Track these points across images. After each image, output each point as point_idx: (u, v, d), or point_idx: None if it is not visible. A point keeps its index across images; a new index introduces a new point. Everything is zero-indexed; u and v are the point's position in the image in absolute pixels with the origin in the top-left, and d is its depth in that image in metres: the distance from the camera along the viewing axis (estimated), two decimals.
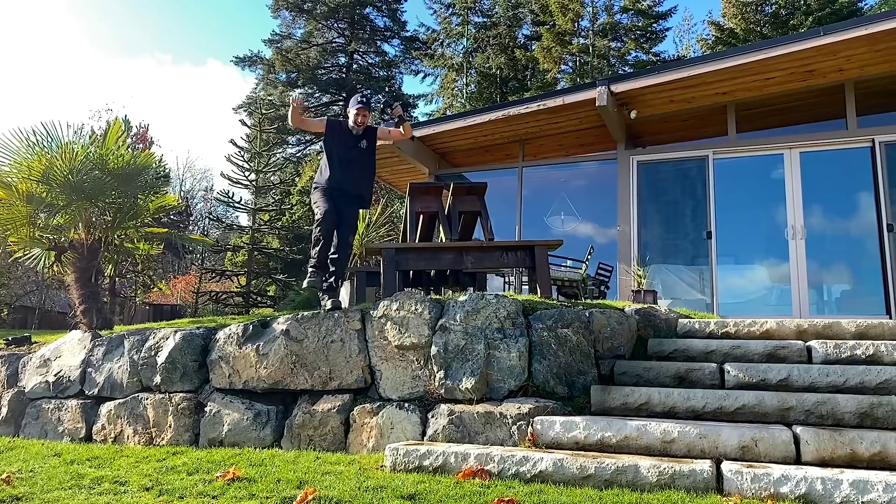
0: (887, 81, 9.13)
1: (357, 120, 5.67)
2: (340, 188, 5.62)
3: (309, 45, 36.52)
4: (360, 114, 5.68)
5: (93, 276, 7.45)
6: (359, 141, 5.72)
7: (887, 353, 4.85)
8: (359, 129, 5.70)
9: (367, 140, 5.77)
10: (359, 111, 5.68)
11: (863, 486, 3.25)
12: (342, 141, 5.70)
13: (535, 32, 32.90)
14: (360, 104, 5.70)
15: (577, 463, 3.72)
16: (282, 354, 5.21)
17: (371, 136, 5.82)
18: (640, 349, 5.43)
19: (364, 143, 5.73)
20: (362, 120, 5.69)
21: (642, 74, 9.64)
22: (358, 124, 5.68)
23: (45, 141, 7.37)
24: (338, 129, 5.78)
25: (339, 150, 5.69)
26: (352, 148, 5.69)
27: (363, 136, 5.75)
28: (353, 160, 5.66)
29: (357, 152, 5.70)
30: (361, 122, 5.68)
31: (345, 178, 5.63)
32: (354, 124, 5.69)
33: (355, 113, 5.70)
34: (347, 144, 5.69)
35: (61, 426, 5.78)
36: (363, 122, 5.70)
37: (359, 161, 5.70)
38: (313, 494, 3.42)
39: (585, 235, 10.67)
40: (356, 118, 5.67)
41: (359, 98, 5.78)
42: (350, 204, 5.76)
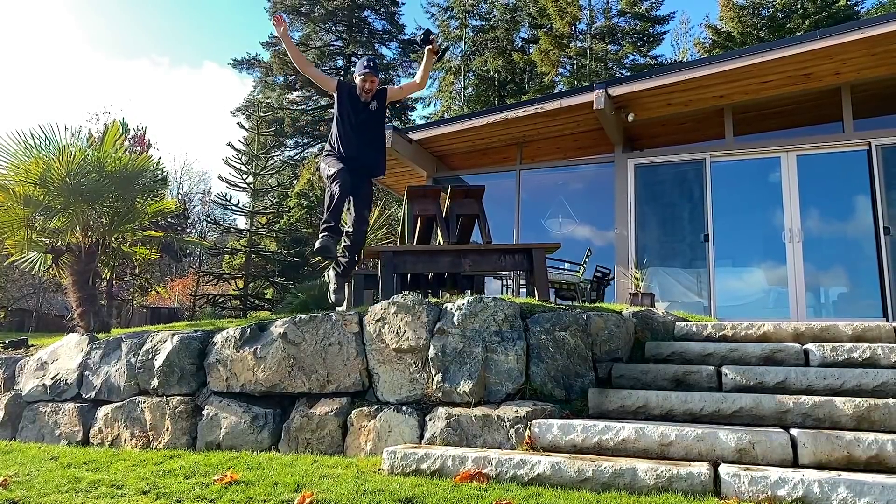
0: (884, 85, 9.16)
1: (364, 86, 5.45)
2: (352, 157, 5.44)
3: (307, 47, 36.55)
4: (368, 79, 5.44)
5: (90, 279, 7.45)
6: (368, 105, 5.52)
7: (884, 355, 4.86)
8: (367, 95, 5.47)
9: (378, 102, 5.55)
10: (365, 77, 5.44)
11: (860, 489, 3.25)
12: (352, 105, 5.50)
13: (532, 36, 33.00)
14: (367, 69, 5.46)
15: (575, 466, 3.72)
16: (279, 357, 5.21)
17: (381, 98, 5.59)
18: (638, 352, 5.44)
19: (374, 104, 5.51)
20: (370, 86, 5.45)
21: (640, 78, 9.67)
22: (366, 91, 5.45)
23: (43, 143, 7.36)
24: (347, 93, 5.56)
25: (349, 116, 5.48)
26: (361, 111, 5.49)
27: (373, 99, 5.53)
28: (362, 123, 5.47)
29: (366, 115, 5.50)
30: (369, 88, 5.45)
31: (357, 144, 5.46)
32: (361, 91, 5.47)
33: (361, 79, 5.47)
34: (357, 108, 5.50)
35: (58, 429, 5.77)
36: (371, 88, 5.46)
37: (369, 124, 5.50)
38: (311, 498, 3.42)
39: (583, 238, 10.69)
40: (363, 84, 5.45)
41: (365, 62, 5.53)
42: (363, 176, 5.56)
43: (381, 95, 5.56)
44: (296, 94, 37.41)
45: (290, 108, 36.12)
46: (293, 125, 35.35)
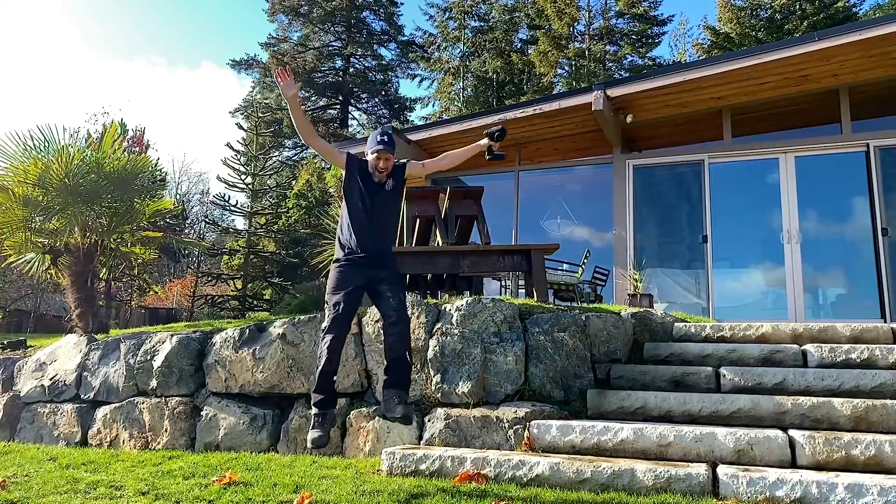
0: (881, 86, 9.18)
1: (378, 165, 4.35)
2: (368, 248, 4.26)
3: (306, 48, 36.57)
4: (382, 157, 4.34)
5: (89, 279, 7.45)
6: (383, 185, 4.43)
7: (882, 356, 4.87)
8: (381, 175, 4.38)
9: (394, 180, 4.46)
10: (379, 154, 4.34)
11: (858, 490, 3.26)
12: (366, 185, 4.41)
13: (531, 36, 33.01)
14: (381, 145, 4.35)
15: (574, 467, 3.72)
16: (278, 358, 5.21)
17: (398, 174, 4.49)
18: (637, 353, 5.45)
19: (390, 182, 4.43)
20: (384, 165, 4.35)
21: (638, 79, 9.69)
22: (380, 170, 4.36)
23: (42, 144, 7.38)
24: (358, 170, 4.45)
25: (361, 198, 4.39)
26: (375, 192, 4.40)
27: (388, 177, 4.45)
28: (378, 207, 4.38)
29: (382, 197, 4.41)
30: (383, 167, 4.36)
31: (372, 233, 4.32)
32: (375, 170, 4.37)
33: (375, 157, 4.36)
34: (371, 189, 4.40)
35: (57, 430, 5.77)
36: (386, 167, 4.36)
37: (385, 207, 4.43)
38: (310, 499, 3.42)
39: (582, 239, 10.69)
40: (376, 163, 4.35)
41: (378, 137, 4.43)
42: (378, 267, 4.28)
43: (399, 172, 4.49)
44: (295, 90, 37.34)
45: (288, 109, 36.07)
46: (292, 126, 35.33)
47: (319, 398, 4.00)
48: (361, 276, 4.15)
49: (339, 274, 4.18)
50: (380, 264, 4.23)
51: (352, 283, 4.12)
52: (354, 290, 4.11)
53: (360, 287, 4.14)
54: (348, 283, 4.12)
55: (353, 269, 4.16)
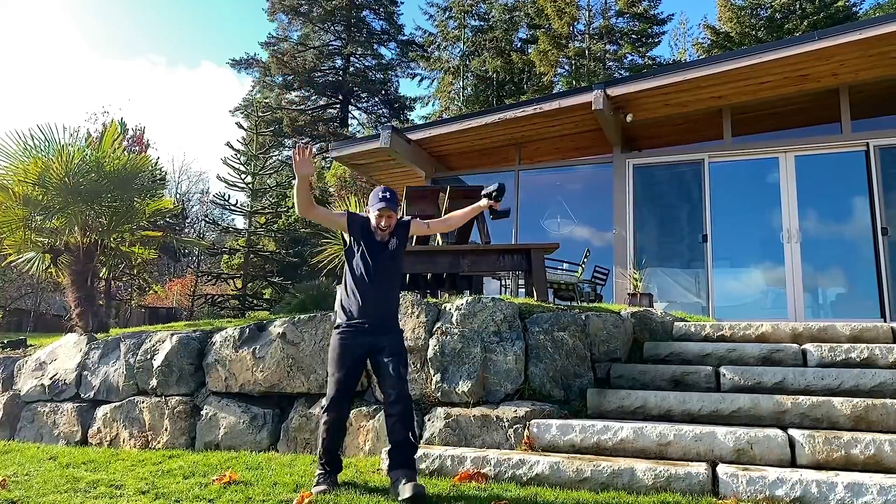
0: (881, 86, 9.18)
1: (380, 224, 4.21)
2: (369, 314, 4.09)
3: (305, 47, 36.55)
4: (384, 216, 4.20)
5: (88, 278, 7.45)
6: (386, 244, 4.27)
7: (882, 356, 4.87)
8: (384, 234, 4.24)
9: (398, 238, 4.30)
10: (381, 213, 4.19)
11: (857, 489, 3.26)
12: (368, 245, 4.24)
13: (531, 36, 33.03)
14: (383, 202, 4.21)
15: (574, 466, 3.73)
16: (278, 358, 5.21)
17: (401, 232, 4.34)
18: (637, 352, 5.45)
19: (393, 242, 4.28)
20: (386, 223, 4.22)
21: (638, 78, 9.68)
22: (382, 229, 4.22)
23: (42, 144, 7.37)
24: (360, 229, 4.28)
25: (364, 259, 4.21)
26: (378, 253, 4.23)
27: (392, 236, 4.30)
28: (381, 268, 4.20)
29: (386, 257, 4.24)
30: (386, 225, 4.22)
31: (375, 296, 4.14)
32: (377, 229, 4.23)
33: (377, 216, 4.22)
34: (373, 249, 4.24)
35: (57, 429, 5.77)
36: (388, 225, 4.23)
37: (388, 268, 4.25)
38: (309, 498, 3.43)
39: (582, 239, 10.68)
40: (378, 222, 4.21)
41: (379, 194, 4.28)
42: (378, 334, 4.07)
43: (403, 230, 4.35)
44: (294, 94, 37.42)
45: (288, 108, 36.11)
46: (292, 125, 35.32)
47: (325, 468, 3.86)
48: (361, 345, 4.01)
49: (339, 345, 4.04)
50: (382, 330, 4.06)
51: (351, 356, 3.99)
52: (353, 364, 4.00)
53: (360, 359, 4.04)
54: (348, 357, 3.99)
55: (353, 339, 4.01)
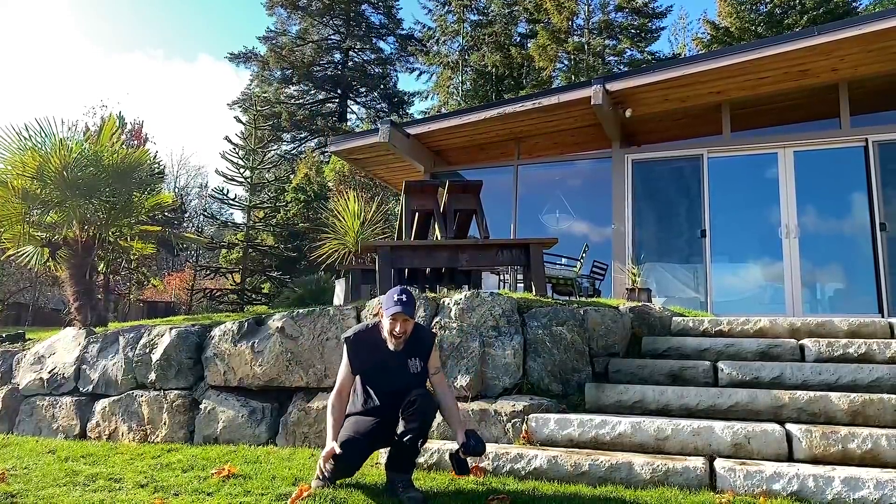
0: (881, 81, 9.18)
1: (394, 329, 3.63)
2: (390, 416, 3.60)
3: (304, 41, 36.48)
4: (399, 320, 3.63)
5: (87, 273, 7.44)
6: (407, 357, 3.71)
7: (879, 351, 4.88)
8: (397, 342, 3.65)
9: (419, 357, 3.73)
10: (395, 318, 3.62)
11: (854, 484, 3.28)
12: (380, 364, 3.71)
13: (530, 30, 32.96)
14: (399, 305, 3.62)
15: (572, 460, 3.74)
16: (277, 352, 5.22)
17: (426, 349, 3.77)
18: (635, 347, 5.46)
19: (417, 363, 3.72)
20: (402, 329, 3.64)
21: (637, 73, 9.67)
22: (396, 335, 3.64)
23: (40, 137, 7.34)
24: (366, 349, 3.73)
25: (378, 382, 3.72)
26: (396, 373, 3.68)
27: (413, 350, 3.71)
28: (401, 390, 3.61)
29: (406, 380, 3.68)
30: (401, 331, 3.64)
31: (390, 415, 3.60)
32: (391, 336, 3.65)
33: (391, 321, 3.65)
34: (388, 368, 3.69)
35: (55, 423, 5.78)
36: (403, 332, 3.65)
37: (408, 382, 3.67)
38: (308, 492, 3.43)
39: (580, 234, 10.69)
40: (393, 326, 3.64)
41: (395, 296, 3.67)
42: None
43: (424, 352, 3.76)
44: (293, 89, 37.37)
45: (287, 103, 36.04)
46: (290, 119, 35.28)
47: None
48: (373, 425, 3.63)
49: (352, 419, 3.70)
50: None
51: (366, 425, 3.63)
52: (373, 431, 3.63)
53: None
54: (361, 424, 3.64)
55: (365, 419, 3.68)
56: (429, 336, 3.86)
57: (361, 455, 3.62)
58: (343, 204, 9.11)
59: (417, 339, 3.75)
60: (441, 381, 3.84)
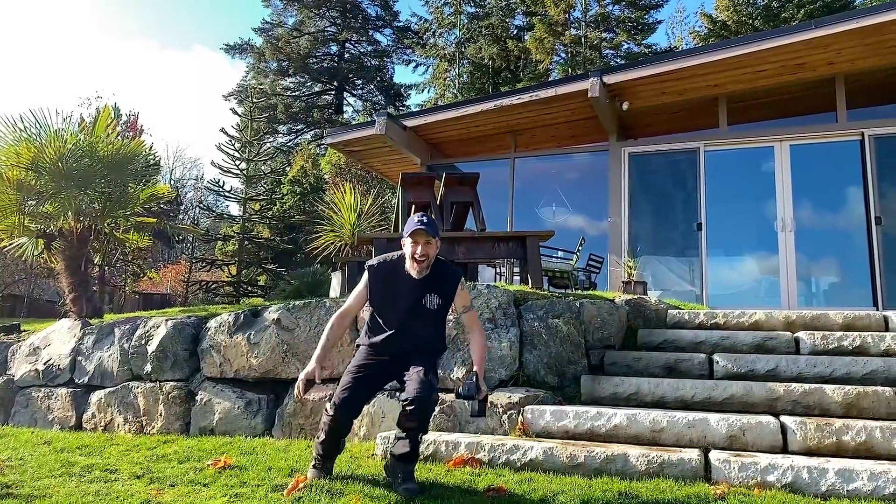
0: (877, 75, 9.18)
1: (416, 252, 3.44)
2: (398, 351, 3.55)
3: (300, 33, 36.32)
4: (421, 241, 3.44)
5: (82, 264, 7.42)
6: (426, 292, 3.51)
7: (874, 344, 4.91)
8: (421, 268, 3.46)
9: (441, 295, 3.54)
10: (416, 237, 3.45)
11: (848, 475, 3.29)
12: (397, 296, 3.54)
13: (527, 23, 32.85)
14: (420, 225, 3.45)
15: (567, 452, 3.75)
16: (273, 343, 5.21)
17: (448, 289, 3.56)
18: (631, 339, 5.47)
19: (435, 300, 3.52)
20: (424, 251, 3.44)
21: (634, 66, 9.65)
22: (418, 259, 3.44)
23: (34, 128, 7.31)
24: (387, 280, 3.57)
25: (391, 314, 3.56)
26: (411, 307, 3.51)
27: (433, 285, 3.52)
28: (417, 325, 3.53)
29: (424, 314, 3.53)
30: (422, 254, 3.44)
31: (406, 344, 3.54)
32: (413, 261, 3.46)
33: (412, 243, 3.47)
34: (404, 300, 3.52)
35: (51, 414, 5.77)
36: (425, 254, 3.44)
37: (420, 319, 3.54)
38: (304, 482, 3.43)
39: (577, 227, 10.70)
40: (415, 249, 3.45)
41: (416, 219, 3.49)
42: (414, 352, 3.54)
43: (449, 286, 3.56)
44: (289, 81, 37.22)
45: (283, 95, 35.92)
46: (286, 111, 35.17)
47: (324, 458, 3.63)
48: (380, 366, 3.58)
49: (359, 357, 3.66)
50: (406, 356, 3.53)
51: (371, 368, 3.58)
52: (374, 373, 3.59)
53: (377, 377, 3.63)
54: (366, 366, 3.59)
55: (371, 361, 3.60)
56: (452, 273, 3.60)
57: (361, 402, 3.63)
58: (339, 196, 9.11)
59: (440, 275, 3.55)
60: (471, 320, 3.70)
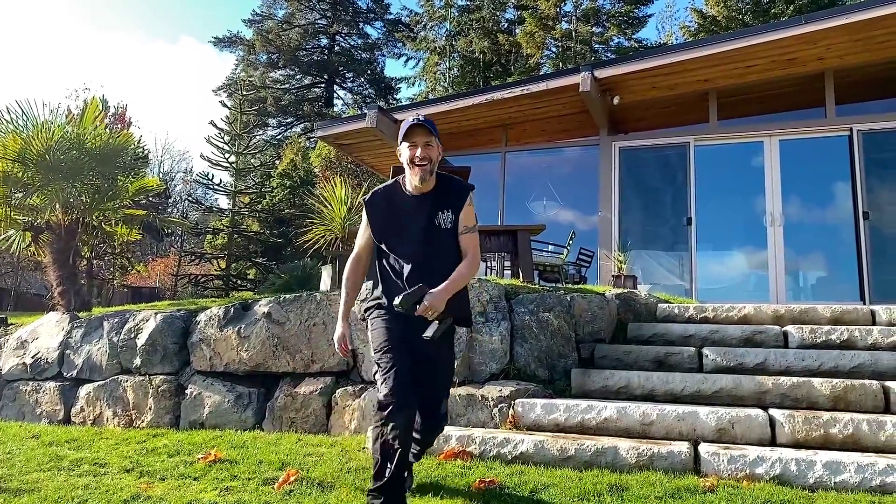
0: (866, 71, 9.23)
1: (415, 156, 2.96)
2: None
3: (291, 25, 36.12)
4: (418, 144, 2.96)
5: (70, 257, 7.37)
6: (435, 211, 3.04)
7: (861, 338, 4.95)
8: (424, 173, 2.97)
9: (452, 210, 3.07)
10: (413, 138, 2.97)
11: (835, 468, 3.33)
12: (406, 217, 3.07)
13: (518, 17, 32.79)
14: (416, 122, 2.98)
15: (558, 445, 3.76)
16: (263, 337, 5.20)
17: (458, 203, 3.09)
18: (621, 333, 5.49)
19: (449, 216, 3.05)
20: (423, 154, 2.95)
21: (625, 60, 9.65)
22: (419, 164, 2.96)
23: (21, 120, 7.25)
24: (387, 206, 3.13)
25: (396, 240, 3.08)
26: (421, 227, 3.04)
27: (442, 201, 3.07)
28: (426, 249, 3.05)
29: (440, 237, 3.06)
30: (423, 157, 2.95)
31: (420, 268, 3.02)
32: (413, 167, 2.98)
33: (409, 146, 2.98)
34: (418, 220, 3.05)
35: (39, 408, 5.74)
36: (426, 157, 2.96)
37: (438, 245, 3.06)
38: (295, 476, 3.43)
39: (567, 221, 10.71)
40: (412, 154, 2.97)
41: (411, 119, 3.01)
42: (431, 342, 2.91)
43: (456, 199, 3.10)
44: (279, 73, 37.02)
45: (273, 87, 35.73)
46: (276, 104, 34.99)
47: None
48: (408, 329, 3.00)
49: (377, 315, 3.16)
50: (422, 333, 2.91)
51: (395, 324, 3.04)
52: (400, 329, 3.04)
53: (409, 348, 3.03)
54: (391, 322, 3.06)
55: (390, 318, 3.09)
56: (461, 185, 3.11)
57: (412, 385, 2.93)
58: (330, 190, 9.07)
59: (447, 188, 3.07)
60: (469, 244, 3.12)
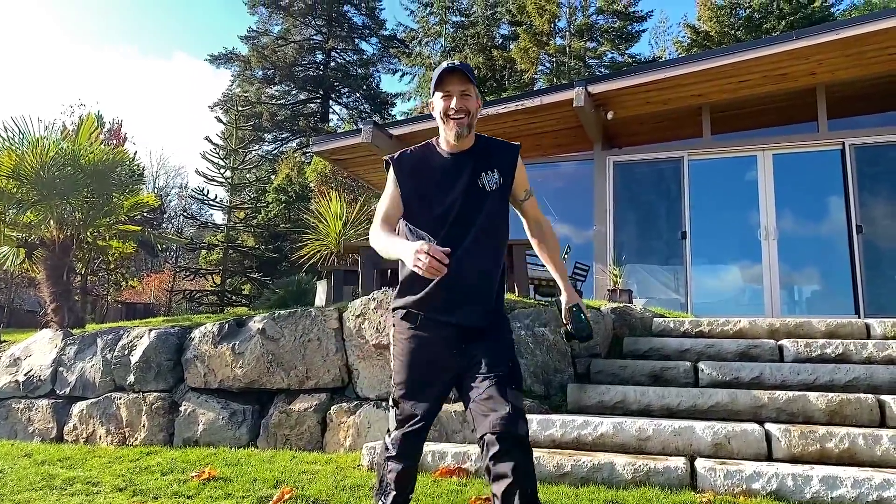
0: (857, 85, 9.31)
1: (449, 108, 2.39)
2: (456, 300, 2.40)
3: (286, 41, 36.32)
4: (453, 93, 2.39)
5: (64, 273, 7.34)
6: (478, 171, 2.45)
7: (856, 351, 4.95)
8: (461, 127, 2.39)
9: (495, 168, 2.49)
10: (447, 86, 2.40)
11: (832, 483, 3.32)
12: (438, 177, 2.46)
13: (512, 33, 33.04)
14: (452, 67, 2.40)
15: (554, 461, 3.74)
16: (258, 353, 5.17)
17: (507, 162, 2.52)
18: (617, 348, 5.49)
19: (495, 177, 2.48)
20: (459, 104, 2.38)
21: (619, 76, 9.72)
22: (455, 117, 2.39)
23: (16, 136, 7.25)
24: (418, 167, 2.50)
25: (432, 203, 2.45)
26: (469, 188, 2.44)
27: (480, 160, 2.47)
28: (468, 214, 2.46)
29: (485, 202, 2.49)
30: (460, 108, 2.38)
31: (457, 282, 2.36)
32: (448, 120, 2.40)
33: (444, 97, 2.41)
34: (457, 181, 2.44)
35: (31, 426, 5.69)
36: (462, 108, 2.38)
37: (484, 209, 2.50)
38: (290, 494, 3.41)
39: (562, 235, 10.72)
40: (447, 105, 2.40)
41: (446, 63, 2.42)
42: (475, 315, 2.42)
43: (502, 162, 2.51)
44: (275, 89, 37.17)
45: (268, 103, 35.85)
46: (272, 119, 35.10)
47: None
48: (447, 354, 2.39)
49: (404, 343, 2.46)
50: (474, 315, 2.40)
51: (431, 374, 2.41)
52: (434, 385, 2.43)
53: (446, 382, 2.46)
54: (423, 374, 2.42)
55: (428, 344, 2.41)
56: (507, 143, 2.54)
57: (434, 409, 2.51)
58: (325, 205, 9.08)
59: (490, 145, 2.50)
60: (534, 209, 2.72)
